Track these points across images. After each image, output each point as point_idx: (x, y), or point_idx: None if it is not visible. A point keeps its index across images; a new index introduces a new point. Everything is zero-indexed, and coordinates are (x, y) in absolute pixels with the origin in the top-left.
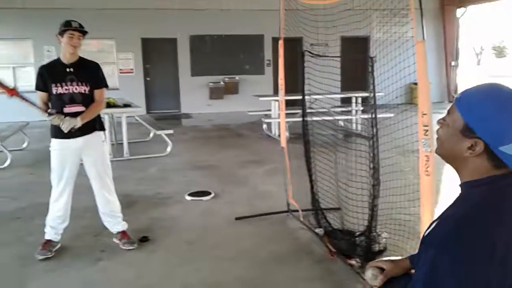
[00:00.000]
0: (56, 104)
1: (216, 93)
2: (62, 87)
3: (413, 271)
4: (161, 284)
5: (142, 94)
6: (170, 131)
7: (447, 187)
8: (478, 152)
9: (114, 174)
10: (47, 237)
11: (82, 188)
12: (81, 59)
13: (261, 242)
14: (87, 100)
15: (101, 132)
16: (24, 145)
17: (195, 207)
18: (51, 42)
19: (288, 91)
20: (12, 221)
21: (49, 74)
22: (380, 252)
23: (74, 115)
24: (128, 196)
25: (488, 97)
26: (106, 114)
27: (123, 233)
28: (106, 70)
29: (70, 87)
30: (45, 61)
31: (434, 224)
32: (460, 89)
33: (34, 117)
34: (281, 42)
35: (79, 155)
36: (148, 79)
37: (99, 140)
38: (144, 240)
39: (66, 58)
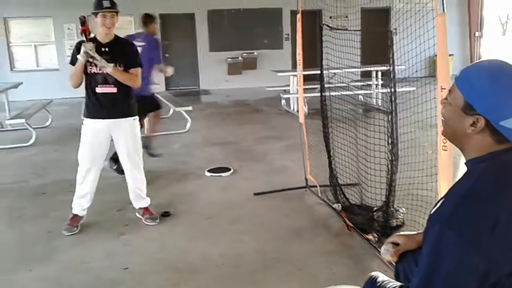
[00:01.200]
0: (89, 84)
1: (235, 68)
2: (96, 66)
3: None
4: (182, 257)
5: None
6: (189, 108)
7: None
8: (480, 129)
9: None
10: (74, 211)
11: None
12: (116, 38)
13: (279, 217)
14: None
15: (132, 118)
16: (48, 122)
17: (215, 183)
18: (71, 20)
19: (307, 66)
20: (38, 196)
21: None
22: (398, 227)
23: (107, 96)
24: (149, 172)
25: (486, 73)
26: None
27: (145, 209)
28: None
29: None
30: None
31: (441, 202)
32: None
33: (57, 94)
34: (299, 16)
35: (109, 135)
36: (166, 55)
37: (130, 123)
38: (165, 215)
39: (102, 38)
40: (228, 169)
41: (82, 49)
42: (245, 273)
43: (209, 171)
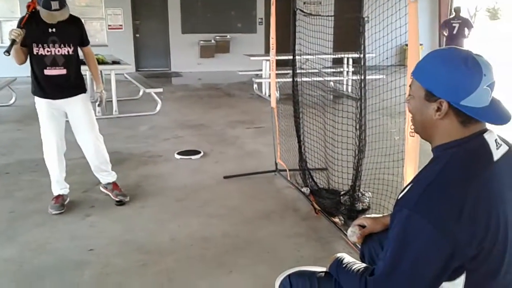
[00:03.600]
0: (36, 65)
1: (207, 51)
2: (43, 48)
3: None
4: (149, 239)
5: (131, 51)
6: (160, 90)
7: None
8: (444, 112)
9: (103, 131)
10: (56, 193)
11: (71, 144)
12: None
13: (248, 200)
14: (70, 61)
15: (83, 94)
16: (12, 101)
17: (185, 165)
18: None
19: (280, 51)
20: (1, 175)
21: (29, 31)
22: (364, 211)
23: (57, 78)
24: (117, 153)
25: (438, 57)
26: None
27: (114, 184)
28: (94, 26)
29: (52, 49)
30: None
31: (408, 187)
32: None
33: (22, 72)
34: (273, 0)
35: (63, 112)
36: (137, 35)
37: (82, 98)
38: (119, 204)
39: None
40: (198, 152)
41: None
42: (214, 255)
43: (178, 153)
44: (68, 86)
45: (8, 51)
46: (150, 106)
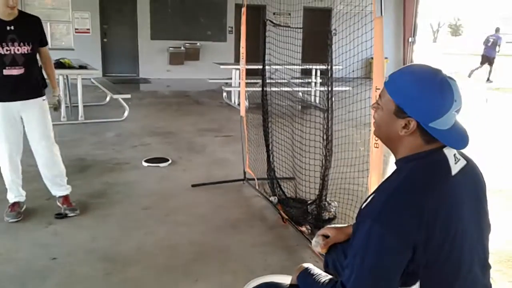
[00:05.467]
0: None
1: (176, 58)
2: (2, 47)
3: None
4: (115, 247)
5: (98, 56)
6: (128, 96)
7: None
8: (412, 130)
9: (68, 137)
10: (11, 201)
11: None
12: (21, 14)
13: (216, 209)
14: (29, 60)
15: (41, 98)
16: None
17: (152, 173)
18: None
19: (250, 60)
20: None
21: None
22: (330, 220)
23: (14, 77)
24: (81, 160)
25: (414, 77)
26: (60, 75)
27: (65, 198)
28: (60, 29)
29: (11, 47)
30: None
31: (371, 197)
32: None
33: None
34: (244, 10)
35: (19, 117)
36: (105, 40)
37: (39, 104)
38: (58, 217)
39: (5, 15)
40: (166, 160)
41: None
42: (180, 264)
43: (146, 161)
44: (27, 87)
45: None
46: (118, 112)
